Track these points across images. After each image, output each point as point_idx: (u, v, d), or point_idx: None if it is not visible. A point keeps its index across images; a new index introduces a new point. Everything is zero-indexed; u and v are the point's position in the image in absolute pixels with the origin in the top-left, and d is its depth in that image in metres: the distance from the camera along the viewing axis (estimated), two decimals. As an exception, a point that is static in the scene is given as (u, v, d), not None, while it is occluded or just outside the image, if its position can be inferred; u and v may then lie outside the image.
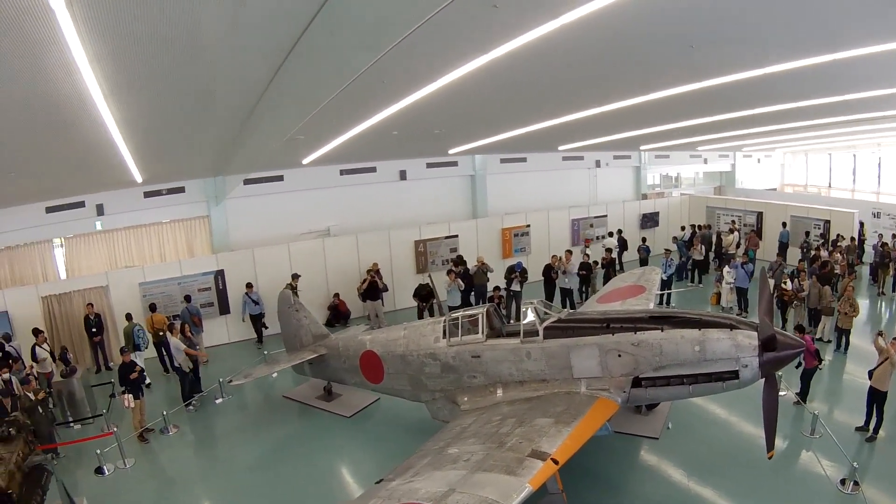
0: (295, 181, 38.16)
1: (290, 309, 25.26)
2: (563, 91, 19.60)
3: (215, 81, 14.48)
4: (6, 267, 33.62)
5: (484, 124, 27.35)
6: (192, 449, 22.36)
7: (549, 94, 19.94)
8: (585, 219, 44.21)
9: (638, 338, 15.00)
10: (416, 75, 14.84)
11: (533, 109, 23.19)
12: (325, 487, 18.58)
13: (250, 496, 18.34)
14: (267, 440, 22.04)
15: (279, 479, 19.19)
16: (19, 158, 20.21)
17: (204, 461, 21.38)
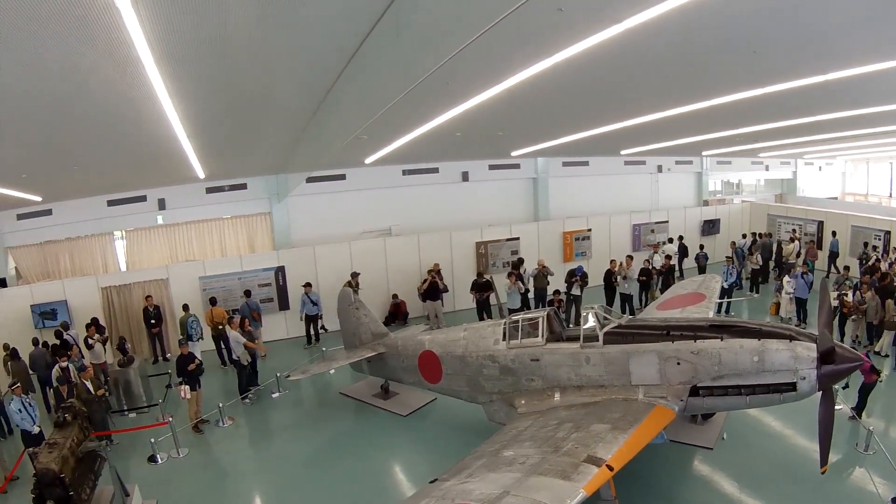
0: (357, 180, 38.22)
1: (350, 307, 25.12)
2: (626, 96, 19.48)
3: (279, 82, 14.64)
4: (67, 258, 34.28)
5: (547, 127, 27.19)
6: (247, 441, 22.30)
7: (611, 99, 19.89)
8: (646, 224, 43.49)
9: (697, 346, 14.63)
10: (480, 78, 14.80)
11: (595, 113, 23.07)
12: (378, 485, 18.38)
13: (303, 491, 18.23)
14: (322, 436, 21.91)
15: (332, 475, 19.03)
16: (83, 153, 20.51)
17: (258, 454, 21.26)
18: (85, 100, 13.83)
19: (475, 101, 16.97)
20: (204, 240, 37.29)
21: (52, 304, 30.12)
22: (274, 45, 11.75)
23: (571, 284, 32.00)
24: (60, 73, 11.59)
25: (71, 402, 18.02)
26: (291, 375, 23.81)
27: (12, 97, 12.90)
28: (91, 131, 17.58)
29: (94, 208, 33.89)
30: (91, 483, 16.08)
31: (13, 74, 11.37)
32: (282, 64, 13.16)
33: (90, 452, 16.66)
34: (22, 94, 12.78)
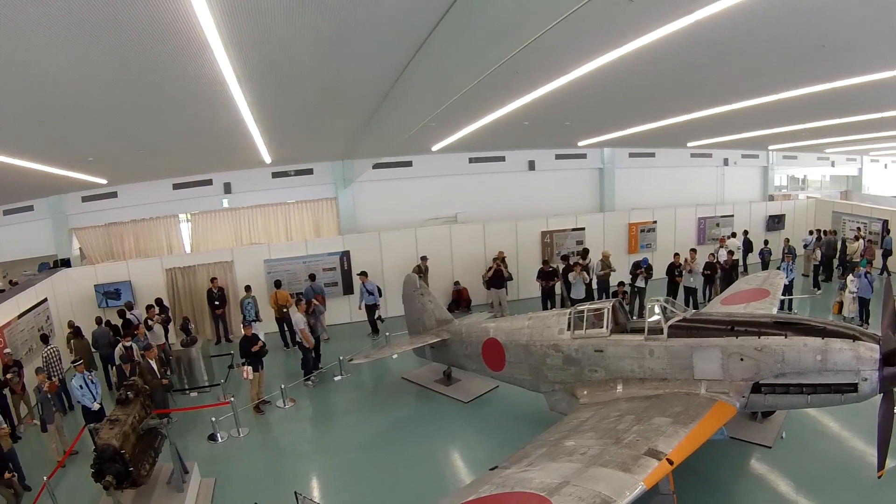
0: (424, 167, 38.26)
1: (415, 292, 25.19)
2: (693, 88, 19.28)
3: (348, 69, 14.52)
4: (131, 239, 35.07)
5: (614, 118, 27.06)
6: (307, 423, 22.44)
7: (678, 91, 19.66)
8: (712, 218, 42.72)
9: (761, 342, 14.35)
10: (549, 68, 14.76)
11: (662, 105, 22.85)
12: (437, 471, 18.31)
13: (361, 474, 18.21)
14: (382, 420, 21.91)
15: (392, 459, 18.99)
16: (151, 137, 20.79)
17: (317, 436, 21.37)
18: (154, 85, 13.91)
19: (543, 91, 16.93)
20: (269, 223, 37.65)
21: (116, 284, 30.76)
22: (343, 34, 11.68)
23: (636, 276, 31.67)
24: (131, 59, 11.66)
25: (133, 380, 18.24)
26: (354, 359, 23.88)
27: (90, 84, 13.10)
28: (159, 116, 17.72)
29: (159, 191, 34.51)
30: (151, 460, 16.27)
31: (95, 62, 11.55)
32: (351, 51, 13.04)
33: (151, 430, 16.82)
34: (98, 80, 12.96)
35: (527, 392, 20.04)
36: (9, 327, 24.19)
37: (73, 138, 19.25)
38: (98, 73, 12.16)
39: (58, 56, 10.65)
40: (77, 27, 9.42)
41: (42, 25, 9.17)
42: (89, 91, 13.63)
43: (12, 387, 21.68)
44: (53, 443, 20.10)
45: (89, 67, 11.71)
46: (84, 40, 10.11)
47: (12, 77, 11.60)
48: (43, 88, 12.83)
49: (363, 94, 18.02)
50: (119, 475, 14.51)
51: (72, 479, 18.89)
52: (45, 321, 27.71)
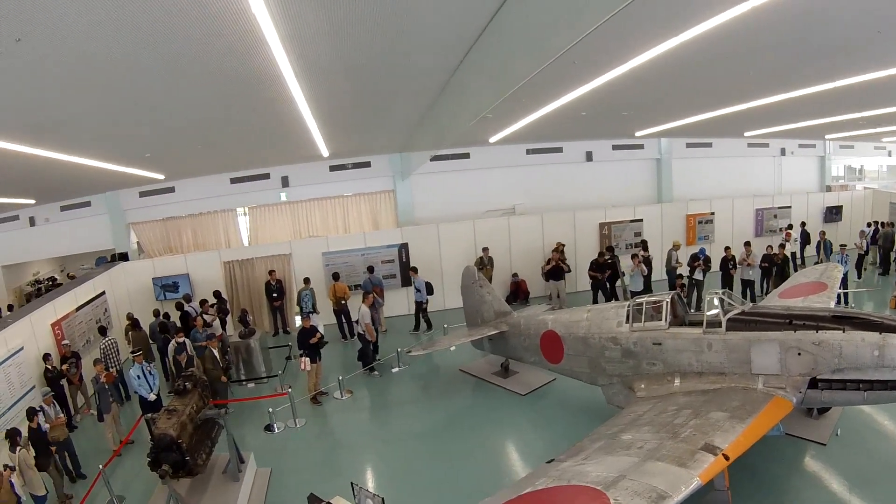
0: (481, 159, 38.14)
1: (473, 284, 25.19)
2: (751, 75, 18.90)
3: (406, 62, 14.58)
4: (189, 233, 35.60)
5: (671, 107, 26.80)
6: (364, 414, 22.55)
7: (736, 78, 19.28)
8: (769, 209, 42.12)
9: (819, 337, 14.11)
10: (607, 57, 14.70)
11: (720, 93, 22.58)
12: (493, 463, 18.24)
13: (416, 464, 18.26)
14: (439, 411, 21.95)
15: (447, 450, 19.00)
16: (208, 131, 20.97)
17: (374, 426, 21.46)
18: (215, 81, 14.09)
19: (601, 81, 16.89)
20: (327, 216, 37.83)
21: (174, 277, 31.36)
22: (400, 25, 11.69)
23: (694, 268, 31.31)
24: (192, 56, 11.80)
25: (191, 371, 18.49)
26: (412, 351, 24.05)
27: (147, 78, 13.20)
28: (217, 112, 17.96)
29: (217, 186, 34.97)
30: (207, 449, 16.42)
31: (149, 58, 11.65)
32: (408, 43, 13.10)
33: (208, 420, 16.93)
34: (158, 78, 13.15)
35: (584, 385, 19.93)
36: (67, 320, 24.60)
37: (132, 135, 19.49)
38: (154, 67, 12.24)
39: (116, 49, 10.71)
40: (134, 21, 9.48)
41: (105, 20, 9.27)
42: (146, 86, 13.72)
43: (70, 377, 22.03)
44: (109, 432, 20.39)
45: (146, 61, 11.79)
46: (141, 35, 10.21)
47: (78, 70, 11.72)
48: (104, 83, 12.94)
49: (421, 86, 18.04)
50: (175, 464, 14.65)
51: (127, 468, 19.22)
52: (104, 314, 28.21)
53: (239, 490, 16.14)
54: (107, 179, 28.67)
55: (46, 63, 10.94)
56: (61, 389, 21.55)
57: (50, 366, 21.68)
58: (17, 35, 9.27)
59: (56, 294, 26.63)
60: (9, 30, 9.04)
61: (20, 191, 29.36)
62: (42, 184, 27.44)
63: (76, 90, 13.19)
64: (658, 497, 10.25)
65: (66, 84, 12.58)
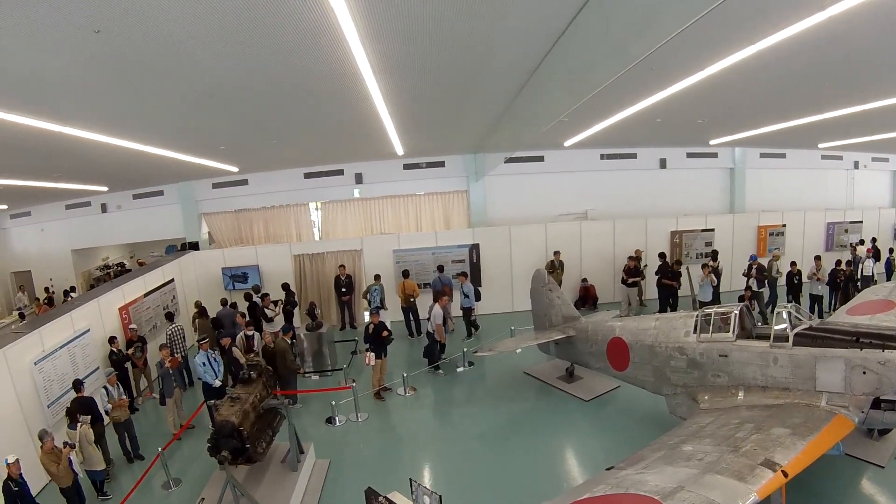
0: (555, 162, 38.03)
1: (543, 287, 25.05)
2: (830, 86, 18.80)
3: (482, 64, 14.62)
4: (260, 225, 36.17)
5: (747, 116, 26.50)
6: (426, 411, 22.54)
7: (812, 88, 19.19)
8: (840, 223, 41.35)
9: (885, 356, 13.76)
10: (684, 64, 14.71)
11: (795, 103, 22.31)
12: (552, 467, 18.09)
13: (477, 465, 18.18)
14: (501, 413, 21.81)
15: (508, 452, 18.87)
16: (285, 128, 21.36)
17: (435, 424, 21.51)
18: (292, 77, 14.27)
19: (677, 87, 16.89)
20: (399, 214, 38.03)
21: (244, 268, 31.89)
22: (478, 28, 11.73)
23: (764, 279, 31.09)
24: (271, 51, 11.97)
25: (257, 361, 18.72)
26: (479, 352, 23.99)
27: (227, 75, 13.51)
28: (296, 107, 18.13)
29: (290, 180, 35.39)
30: (268, 438, 16.62)
31: (232, 54, 11.88)
32: (486, 46, 13.12)
33: (270, 409, 17.15)
34: (237, 72, 13.35)
35: (647, 394, 19.76)
36: (135, 305, 25.13)
37: (207, 127, 19.84)
38: (232, 59, 12.41)
39: (194, 42, 10.95)
40: (216, 13, 9.66)
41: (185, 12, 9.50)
42: (224, 78, 13.94)
43: (135, 361, 22.41)
44: (171, 416, 20.77)
45: (225, 53, 11.97)
46: (222, 28, 10.40)
47: (156, 62, 11.96)
48: (182, 75, 13.20)
49: (498, 88, 18.05)
50: (235, 451, 14.82)
51: (186, 452, 19.56)
52: (171, 300, 28.73)
53: (296, 480, 16.28)
54: (180, 170, 29.20)
55: (125, 55, 11.16)
56: (125, 372, 21.95)
57: (115, 348, 22.11)
58: (96, 26, 9.43)
59: (125, 279, 27.10)
60: (88, 21, 9.21)
61: (94, 178, 30.10)
62: (116, 172, 28.07)
63: (154, 81, 13.46)
64: (713, 510, 10.09)
65: (143, 75, 12.83)
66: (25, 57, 10.71)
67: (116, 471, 18.59)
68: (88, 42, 10.10)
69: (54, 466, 15.10)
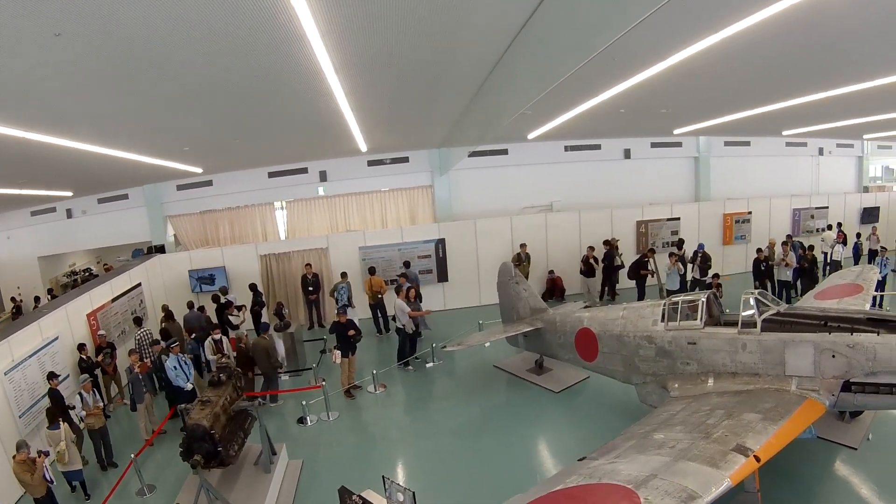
0: (519, 155, 38.17)
1: (509, 280, 25.17)
2: (792, 74, 18.98)
3: (445, 58, 14.63)
4: (226, 226, 35.98)
5: (710, 105, 26.64)
6: (397, 408, 22.58)
7: (776, 76, 19.31)
8: (806, 209, 42.14)
9: (854, 339, 13.99)
10: (647, 54, 14.76)
11: (759, 91, 22.39)
12: (525, 459, 18.21)
13: (450, 460, 18.27)
14: (473, 407, 21.93)
15: (481, 446, 18.98)
16: (248, 127, 21.23)
17: (407, 421, 21.54)
18: (255, 75, 14.20)
19: (640, 77, 16.93)
20: (364, 211, 37.98)
21: (211, 269, 31.75)
22: (440, 22, 11.74)
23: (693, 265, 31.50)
24: (232, 50, 11.91)
25: (226, 363, 18.73)
26: (447, 346, 23.85)
27: (189, 76, 13.41)
28: (256, 106, 18.06)
29: (254, 180, 35.27)
30: (240, 440, 16.59)
31: (194, 54, 11.84)
32: (448, 40, 13.15)
33: (241, 411, 17.17)
34: (199, 72, 13.28)
35: (617, 383, 19.98)
36: (102, 310, 24.90)
37: (171, 129, 19.72)
38: (194, 64, 12.43)
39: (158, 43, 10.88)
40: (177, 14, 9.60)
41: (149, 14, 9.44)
42: (186, 80, 13.87)
43: (104, 367, 22.31)
44: (142, 422, 20.68)
45: (187, 55, 11.93)
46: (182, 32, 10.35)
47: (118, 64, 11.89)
48: (144, 77, 13.13)
49: (461, 82, 18.08)
50: (208, 454, 14.76)
51: (159, 458, 19.48)
52: (139, 305, 28.56)
53: (270, 481, 16.26)
54: (144, 173, 28.95)
55: (87, 57, 11.07)
56: (95, 379, 21.78)
57: (85, 355, 21.96)
58: (56, 30, 9.36)
59: (92, 285, 26.88)
60: (48, 24, 9.15)
61: (58, 183, 29.75)
62: (80, 176, 27.84)
63: (116, 84, 13.36)
64: (688, 497, 10.22)
65: (105, 78, 12.73)
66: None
67: (92, 479, 18.38)
68: (49, 45, 10.02)
69: (28, 476, 14.99)
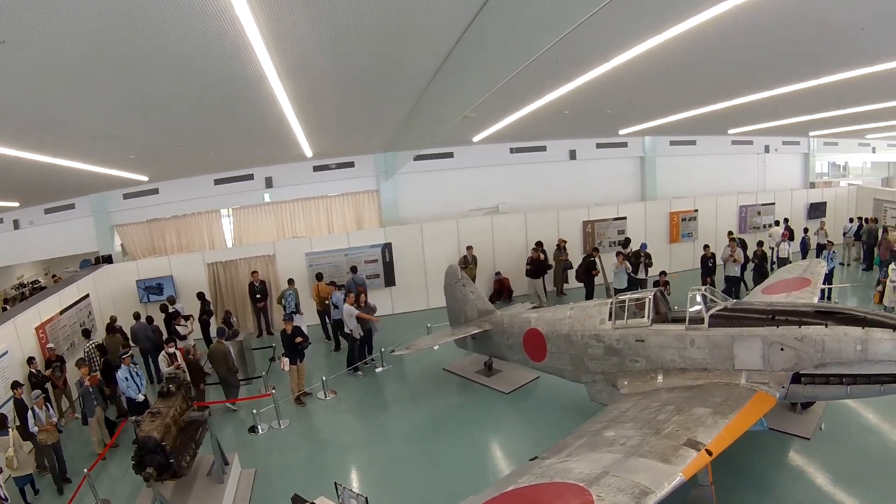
0: (465, 158, 38.21)
1: (456, 283, 25.25)
2: (734, 73, 19.05)
3: (389, 61, 14.59)
4: (173, 235, 35.61)
5: (655, 105, 26.80)
6: (348, 414, 22.47)
7: (720, 76, 19.45)
8: (753, 206, 42.63)
9: (802, 332, 14.22)
10: (590, 55, 14.73)
11: (704, 91, 22.61)
12: (478, 461, 18.34)
13: (403, 464, 18.30)
14: (424, 411, 22.00)
15: (433, 449, 19.09)
16: (192, 132, 21.01)
17: (359, 427, 21.43)
18: (198, 82, 14.08)
19: (584, 79, 16.92)
20: (311, 217, 37.86)
21: (158, 279, 31.33)
22: (384, 25, 11.72)
23: (637, 265, 31.71)
24: (175, 57, 11.78)
25: (176, 373, 18.68)
26: (396, 350, 24.02)
27: (133, 82, 13.26)
28: (204, 113, 18.01)
29: (200, 187, 34.97)
30: (192, 451, 16.44)
31: (137, 61, 11.70)
32: (392, 43, 13.10)
33: (192, 422, 16.97)
34: (143, 79, 13.14)
35: (567, 383, 20.03)
36: (51, 323, 24.53)
37: (116, 137, 19.49)
38: (137, 70, 12.28)
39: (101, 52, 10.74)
40: (118, 23, 9.50)
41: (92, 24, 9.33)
42: (131, 87, 13.73)
43: (54, 381, 22.00)
44: (94, 435, 20.46)
45: (129, 65, 11.83)
46: (125, 37, 10.21)
47: (62, 73, 11.79)
48: (88, 85, 13.00)
49: (405, 86, 18.08)
50: (160, 467, 14.67)
51: (112, 471, 19.24)
52: (87, 316, 28.15)
53: (224, 491, 16.18)
54: (91, 181, 28.63)
55: (30, 66, 10.96)
56: (47, 394, 21.50)
57: (34, 369, 21.63)
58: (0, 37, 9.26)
59: (41, 297, 26.53)
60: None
61: (4, 194, 29.24)
62: (26, 186, 27.37)
63: (60, 93, 13.23)
64: (641, 493, 10.30)
65: (49, 87, 12.60)
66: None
67: (44, 497, 18.28)
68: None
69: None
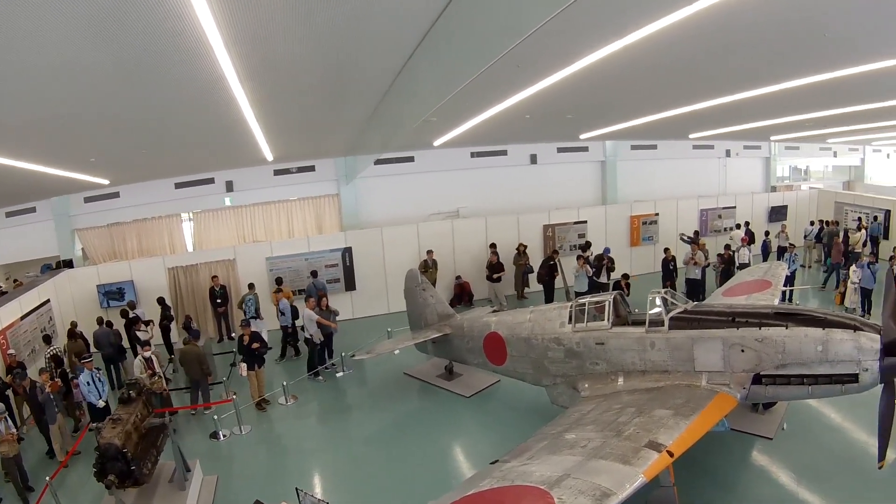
0: (426, 162, 38.34)
1: (416, 287, 25.29)
2: (694, 79, 19.28)
3: (349, 64, 14.54)
4: (134, 239, 35.30)
5: (615, 110, 27.00)
6: (309, 419, 22.51)
7: (680, 82, 19.65)
8: (714, 209, 43.10)
9: (762, 333, 14.41)
10: (550, 60, 14.78)
11: (664, 96, 22.77)
12: (440, 465, 18.42)
13: (365, 469, 18.34)
14: (385, 415, 22.01)
15: (395, 454, 19.11)
16: (152, 137, 20.85)
17: (320, 432, 21.49)
18: (153, 84, 13.91)
19: (544, 84, 16.93)
20: (271, 221, 37.76)
21: (119, 284, 31.05)
22: (343, 29, 11.71)
23: (600, 269, 31.82)
24: (134, 59, 11.68)
25: (136, 380, 18.33)
26: (356, 355, 23.99)
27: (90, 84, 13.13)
28: (160, 116, 17.80)
29: (161, 191, 34.63)
30: (153, 458, 16.37)
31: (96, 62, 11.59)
32: (351, 47, 13.08)
33: (153, 428, 16.89)
34: (103, 81, 13.02)
35: (528, 386, 20.12)
36: (12, 329, 24.30)
37: (76, 139, 19.34)
38: (97, 72, 12.19)
39: (57, 54, 10.67)
40: (76, 26, 9.46)
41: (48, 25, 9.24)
42: (91, 90, 13.66)
43: (15, 388, 21.75)
44: (57, 443, 20.29)
45: (89, 67, 11.76)
46: (83, 40, 10.16)
47: (20, 77, 11.70)
48: (46, 89, 12.91)
49: (365, 90, 18.06)
50: (121, 474, 14.59)
51: (74, 479, 19.03)
52: (48, 322, 27.84)
53: (185, 498, 16.11)
54: (52, 185, 28.30)
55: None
56: (7, 401, 21.29)
57: (-5, 377, 21.32)
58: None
59: (1, 302, 26.14)
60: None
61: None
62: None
63: (19, 97, 13.17)
64: (602, 495, 10.37)
65: (8, 91, 12.53)
66: None
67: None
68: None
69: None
